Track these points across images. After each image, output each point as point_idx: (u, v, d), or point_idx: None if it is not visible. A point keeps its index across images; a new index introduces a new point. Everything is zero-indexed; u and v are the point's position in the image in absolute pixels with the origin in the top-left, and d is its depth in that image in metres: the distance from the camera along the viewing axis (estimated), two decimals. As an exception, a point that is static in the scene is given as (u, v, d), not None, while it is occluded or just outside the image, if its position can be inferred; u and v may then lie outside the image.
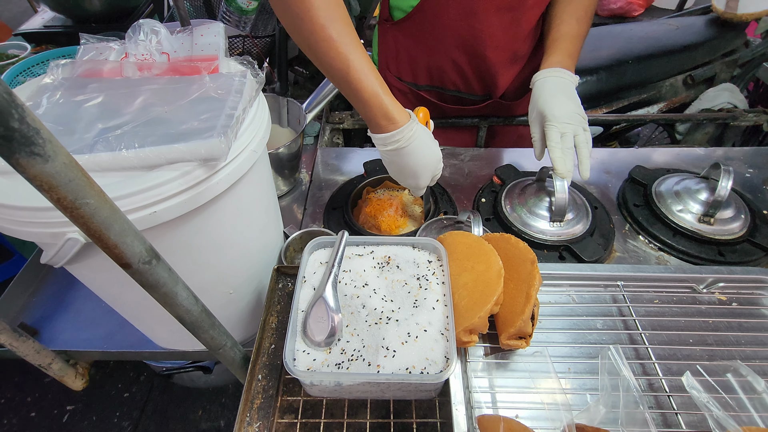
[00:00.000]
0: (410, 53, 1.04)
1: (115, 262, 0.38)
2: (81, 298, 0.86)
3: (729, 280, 0.64)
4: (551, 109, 0.77)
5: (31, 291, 0.87)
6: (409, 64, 1.06)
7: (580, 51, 0.87)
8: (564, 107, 0.77)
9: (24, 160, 0.28)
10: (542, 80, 0.81)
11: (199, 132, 0.48)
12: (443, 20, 0.93)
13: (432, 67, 1.04)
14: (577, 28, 0.86)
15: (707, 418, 0.47)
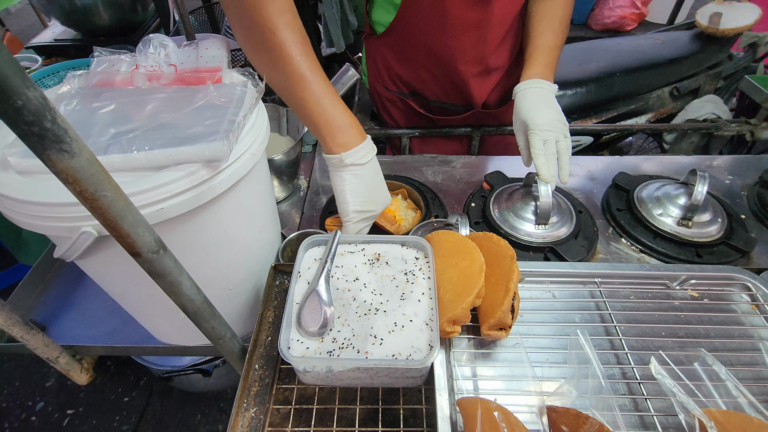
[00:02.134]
0: (393, 64, 1.10)
1: (127, 251, 0.42)
2: (86, 297, 0.90)
3: (701, 277, 0.68)
4: (533, 119, 0.81)
5: (39, 290, 0.90)
6: (394, 74, 1.12)
7: (557, 61, 0.92)
8: (545, 116, 0.81)
9: (54, 156, 0.32)
10: (523, 91, 0.86)
11: (204, 136, 0.52)
12: (417, 36, 0.99)
13: (413, 78, 1.10)
14: (553, 40, 0.91)
15: (673, 402, 0.51)
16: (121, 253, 0.54)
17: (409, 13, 0.96)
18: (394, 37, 1.03)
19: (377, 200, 0.75)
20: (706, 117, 1.42)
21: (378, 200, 0.75)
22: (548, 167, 0.80)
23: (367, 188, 0.72)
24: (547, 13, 0.93)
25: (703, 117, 1.42)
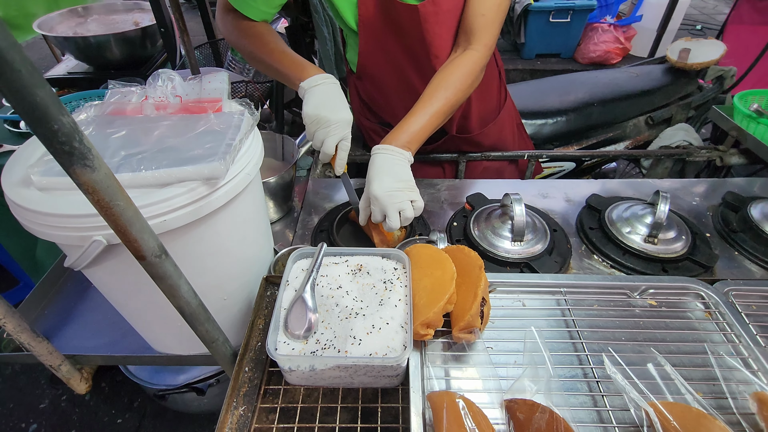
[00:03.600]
0: (369, 99, 1.20)
1: (134, 255, 0.48)
2: (88, 310, 0.94)
3: (659, 287, 0.74)
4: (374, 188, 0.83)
5: (44, 305, 0.95)
6: (372, 106, 1.22)
7: (434, 128, 0.92)
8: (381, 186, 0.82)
9: (79, 170, 0.39)
10: (372, 156, 0.87)
11: (204, 157, 0.59)
12: (380, 76, 1.09)
13: (387, 111, 1.20)
14: (435, 107, 0.90)
15: (625, 398, 0.56)
16: (126, 262, 0.60)
17: (368, 59, 1.06)
18: (364, 76, 1.13)
19: (332, 110, 0.85)
20: (678, 144, 1.51)
21: (333, 110, 0.85)
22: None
23: (320, 100, 0.86)
24: (444, 76, 0.93)
25: (675, 144, 1.51)
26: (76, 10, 1.81)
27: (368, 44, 1.02)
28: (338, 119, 0.86)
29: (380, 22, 0.97)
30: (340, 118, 0.86)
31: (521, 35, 3.95)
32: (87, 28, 1.73)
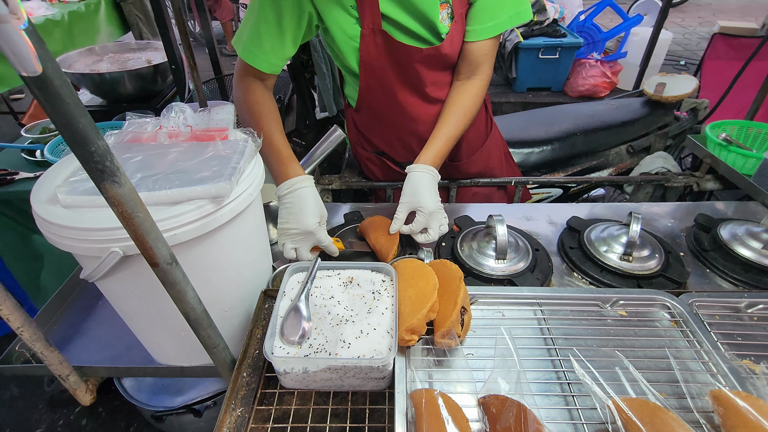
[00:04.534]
0: (366, 131, 1.29)
1: (148, 262, 0.55)
2: (94, 326, 1.00)
3: (629, 299, 0.80)
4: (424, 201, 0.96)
5: (53, 321, 1.01)
6: (368, 136, 1.30)
7: (451, 148, 1.08)
8: (433, 201, 0.97)
9: (108, 185, 0.46)
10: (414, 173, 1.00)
11: (211, 178, 0.67)
12: (378, 111, 1.19)
13: (382, 142, 1.29)
14: (453, 131, 1.05)
15: (592, 396, 0.61)
16: (138, 272, 0.67)
17: (368, 95, 1.15)
18: (362, 109, 1.23)
19: (296, 220, 0.91)
20: (657, 170, 1.60)
21: (297, 220, 0.91)
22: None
23: (287, 212, 0.93)
24: (457, 100, 1.07)
25: (654, 170, 1.60)
26: (93, 49, 1.95)
27: (368, 82, 1.11)
28: (303, 229, 0.90)
29: (381, 61, 1.06)
30: (305, 228, 0.90)
31: (513, 70, 4.14)
32: (102, 66, 1.86)
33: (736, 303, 0.80)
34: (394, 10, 0.96)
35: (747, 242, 1.04)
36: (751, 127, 1.54)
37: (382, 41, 1.00)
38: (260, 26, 0.96)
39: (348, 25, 0.98)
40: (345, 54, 1.05)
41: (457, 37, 1.03)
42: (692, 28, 6.04)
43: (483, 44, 1.04)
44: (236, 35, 1.01)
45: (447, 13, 1.00)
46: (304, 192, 0.93)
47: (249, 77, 1.01)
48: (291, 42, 0.99)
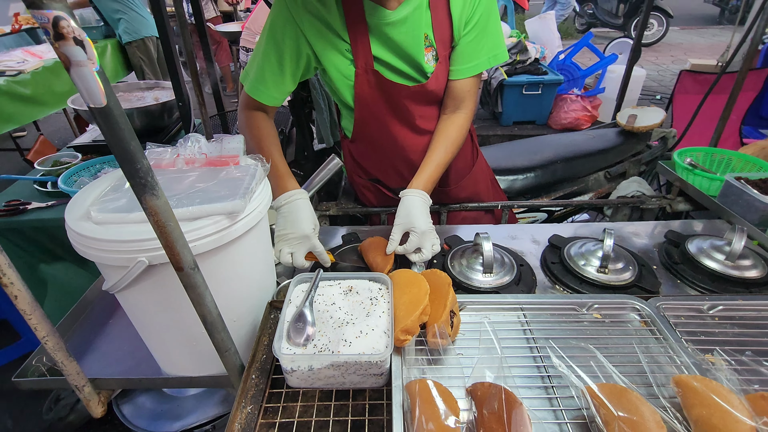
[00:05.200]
0: (361, 160, 1.40)
1: (174, 266, 0.62)
2: (105, 344, 1.05)
3: (603, 303, 0.88)
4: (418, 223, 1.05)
5: (66, 337, 1.06)
6: (363, 165, 1.41)
7: (441, 174, 1.18)
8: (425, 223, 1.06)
9: (148, 197, 0.55)
10: (407, 197, 1.10)
11: (227, 197, 0.76)
12: (373, 142, 1.30)
13: (377, 170, 1.40)
14: (443, 157, 1.16)
15: (569, 385, 0.68)
16: (158, 282, 0.74)
17: (362, 127, 1.27)
18: (357, 140, 1.34)
19: (292, 227, 1.02)
20: (633, 194, 1.71)
21: (293, 227, 1.02)
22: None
23: (284, 221, 1.04)
24: (444, 132, 1.19)
25: (630, 194, 1.72)
26: (104, 89, 2.07)
27: (363, 115, 1.23)
28: (300, 233, 1.00)
29: (373, 97, 1.18)
30: (301, 233, 1.00)
31: (499, 105, 4.37)
32: (113, 103, 1.98)
33: (698, 305, 0.88)
34: (384, 52, 1.09)
35: (712, 255, 1.13)
36: (716, 153, 1.68)
37: (374, 80, 1.13)
38: (264, 66, 1.08)
39: (344, 66, 1.10)
40: (341, 91, 1.17)
41: (441, 75, 1.16)
42: (665, 66, 6.42)
43: (465, 82, 1.17)
44: (243, 72, 1.14)
45: (432, 55, 1.13)
46: (300, 203, 1.04)
47: (253, 108, 1.14)
48: (290, 80, 1.12)
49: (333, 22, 1.04)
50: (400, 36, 1.07)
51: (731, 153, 1.65)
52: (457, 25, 1.10)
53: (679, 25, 8.94)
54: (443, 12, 1.08)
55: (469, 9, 1.08)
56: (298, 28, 1.04)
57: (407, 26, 1.06)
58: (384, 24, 1.04)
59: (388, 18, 1.03)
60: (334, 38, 1.06)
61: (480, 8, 1.09)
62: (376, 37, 1.07)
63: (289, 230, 1.02)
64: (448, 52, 1.14)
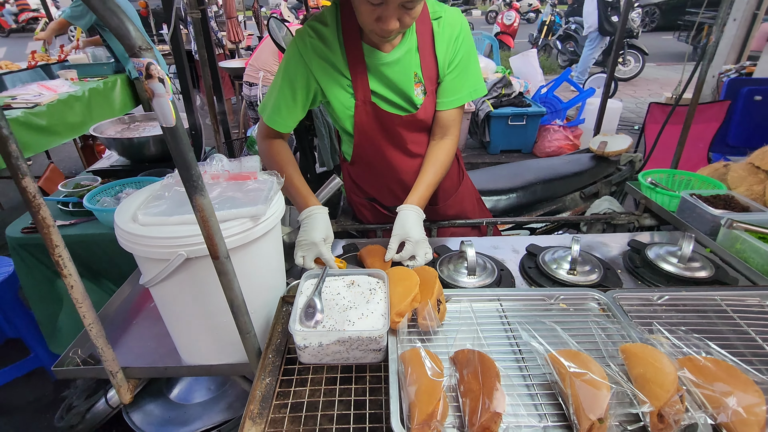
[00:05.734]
0: (359, 181, 1.57)
1: (212, 255, 0.77)
2: (131, 340, 1.17)
3: (568, 295, 1.03)
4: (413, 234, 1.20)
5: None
6: (361, 185, 1.58)
7: (431, 192, 1.34)
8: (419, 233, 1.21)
9: (197, 196, 0.70)
10: (404, 211, 1.25)
11: (251, 203, 0.91)
12: (370, 164, 1.47)
13: (374, 190, 1.57)
14: (433, 178, 1.32)
15: (536, 354, 0.82)
16: (191, 274, 0.88)
17: (361, 151, 1.44)
18: (356, 163, 1.51)
19: (307, 235, 1.18)
20: (604, 211, 1.89)
21: (308, 235, 1.18)
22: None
23: (303, 230, 1.20)
24: (433, 155, 1.36)
25: (602, 211, 1.89)
26: (122, 119, 2.26)
27: (361, 141, 1.41)
28: (311, 240, 1.16)
29: (371, 125, 1.36)
30: (310, 240, 1.16)
31: (486, 135, 4.63)
32: (130, 132, 2.16)
33: (649, 296, 1.04)
34: (380, 87, 1.29)
35: (667, 259, 1.29)
36: (677, 174, 1.87)
37: (371, 110, 1.32)
38: (279, 100, 1.27)
39: (345, 99, 1.29)
40: (343, 120, 1.35)
41: (429, 107, 1.35)
42: (643, 99, 6.82)
43: (450, 112, 1.36)
44: (261, 106, 1.32)
45: (421, 89, 1.33)
46: (318, 216, 1.20)
47: (272, 136, 1.33)
48: (301, 110, 1.31)
49: (337, 63, 1.23)
50: (394, 74, 1.26)
51: (690, 174, 1.85)
52: (442, 65, 1.30)
53: (655, 61, 9.51)
54: (430, 55, 1.29)
55: (451, 52, 1.29)
56: (308, 68, 1.24)
57: (399, 66, 1.26)
58: (380, 64, 1.24)
59: (383, 59, 1.23)
60: (337, 76, 1.25)
61: (461, 51, 1.30)
62: (373, 75, 1.26)
63: (303, 238, 1.18)
64: (434, 87, 1.34)
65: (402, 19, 1.08)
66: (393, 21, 1.06)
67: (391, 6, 1.03)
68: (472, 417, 0.67)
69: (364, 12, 1.07)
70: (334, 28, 1.23)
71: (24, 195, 0.76)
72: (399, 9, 1.05)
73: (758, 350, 0.88)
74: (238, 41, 5.67)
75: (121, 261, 1.79)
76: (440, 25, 1.28)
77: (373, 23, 1.09)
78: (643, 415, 0.70)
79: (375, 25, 1.09)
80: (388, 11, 1.05)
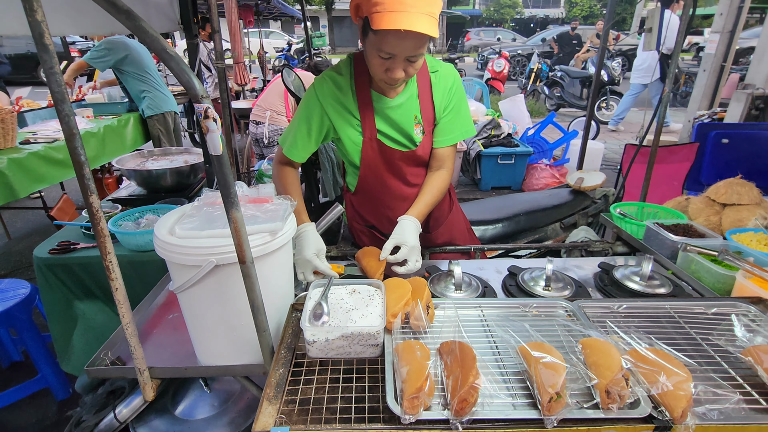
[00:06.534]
0: (362, 207, 1.76)
1: (240, 259, 0.94)
2: (154, 347, 1.30)
3: (540, 305, 1.19)
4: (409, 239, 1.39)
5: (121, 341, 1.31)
6: (362, 213, 1.77)
7: (429, 211, 1.55)
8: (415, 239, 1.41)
9: (233, 210, 0.88)
10: (404, 221, 1.45)
11: (270, 220, 1.09)
12: (372, 195, 1.67)
13: (374, 214, 1.75)
14: (429, 198, 1.53)
15: (509, 348, 0.97)
16: (218, 280, 1.04)
17: (365, 182, 1.64)
18: (359, 193, 1.71)
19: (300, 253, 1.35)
20: (582, 240, 2.08)
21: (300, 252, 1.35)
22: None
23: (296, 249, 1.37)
24: (430, 182, 1.57)
25: (580, 240, 2.08)
26: (141, 152, 2.47)
27: (366, 172, 1.61)
28: (304, 258, 1.34)
29: (375, 159, 1.56)
30: (303, 258, 1.34)
31: (477, 172, 4.89)
32: (149, 164, 2.36)
33: (610, 305, 1.20)
34: (385, 127, 1.50)
35: (632, 278, 1.47)
36: (646, 207, 2.08)
37: (377, 146, 1.52)
38: (297, 136, 1.50)
39: (354, 136, 1.51)
40: (351, 154, 1.56)
41: (427, 144, 1.57)
42: (625, 141, 7.20)
43: (445, 149, 1.60)
44: (282, 137, 1.57)
45: (420, 129, 1.54)
46: (305, 233, 1.39)
47: (284, 162, 1.56)
48: (314, 144, 1.53)
49: (349, 105, 1.46)
50: (397, 116, 1.49)
51: (657, 207, 2.05)
52: (438, 109, 1.54)
53: (638, 106, 10.06)
54: (428, 101, 1.53)
55: (446, 99, 1.54)
56: (323, 109, 1.47)
57: (402, 109, 1.49)
58: (385, 108, 1.47)
59: (388, 104, 1.47)
60: (349, 116, 1.48)
61: (454, 99, 1.55)
62: (379, 116, 1.49)
63: (298, 256, 1.36)
64: (431, 128, 1.56)
65: (406, 70, 1.32)
66: (399, 71, 1.30)
67: (398, 59, 1.27)
68: (453, 392, 0.82)
69: (375, 64, 1.31)
70: (348, 77, 1.48)
71: (89, 209, 0.93)
72: (404, 62, 1.29)
73: (698, 347, 1.03)
74: (244, 84, 6.03)
75: (136, 284, 1.93)
76: (437, 78, 1.53)
77: (382, 73, 1.32)
78: (594, 392, 0.85)
79: (384, 75, 1.33)
80: (395, 63, 1.29)
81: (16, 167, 2.83)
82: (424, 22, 1.17)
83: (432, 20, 1.20)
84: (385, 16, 1.16)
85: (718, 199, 1.88)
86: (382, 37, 1.23)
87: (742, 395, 0.88)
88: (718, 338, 1.03)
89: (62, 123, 0.83)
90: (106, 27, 2.06)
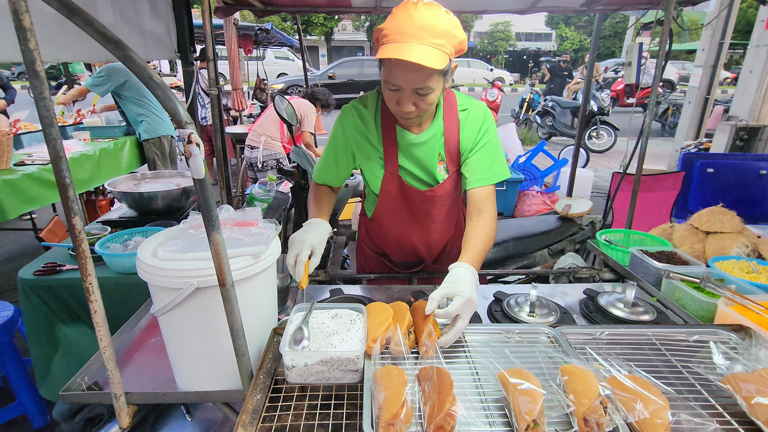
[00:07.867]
0: (375, 233, 1.78)
1: (220, 282, 0.94)
2: (132, 372, 1.28)
3: (523, 331, 1.19)
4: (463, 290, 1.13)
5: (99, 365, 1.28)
6: (375, 239, 1.78)
7: (482, 259, 1.35)
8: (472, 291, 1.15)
9: (213, 232, 0.89)
10: (456, 269, 1.22)
11: (253, 243, 1.09)
12: (391, 220, 1.69)
13: (386, 242, 1.76)
14: (480, 244, 1.33)
15: (489, 374, 0.96)
16: (198, 303, 1.04)
17: (382, 211, 1.66)
18: (375, 220, 1.72)
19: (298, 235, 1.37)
20: (569, 266, 2.09)
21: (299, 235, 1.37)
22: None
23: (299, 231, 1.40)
24: (473, 231, 1.39)
25: (567, 266, 2.09)
26: (134, 175, 2.49)
27: (384, 203, 1.63)
28: (300, 239, 1.34)
29: (395, 193, 1.58)
30: (301, 239, 1.34)
31: (470, 199, 4.94)
32: (141, 187, 2.38)
33: (592, 332, 1.20)
34: (407, 163, 1.53)
35: (616, 305, 1.47)
36: (632, 234, 2.11)
37: (397, 181, 1.55)
38: (324, 165, 1.59)
39: (376, 170, 1.55)
40: (371, 185, 1.61)
41: (449, 184, 1.56)
42: (615, 169, 7.33)
43: (481, 189, 1.45)
44: (316, 165, 1.65)
45: (443, 167, 1.55)
46: (315, 225, 1.43)
47: (320, 185, 1.64)
48: (346, 169, 1.60)
49: (372, 139, 1.50)
50: (420, 153, 1.50)
51: (643, 234, 2.08)
52: (464, 149, 1.49)
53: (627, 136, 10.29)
54: (454, 139, 1.49)
55: (475, 139, 1.47)
56: (348, 142, 1.52)
57: (426, 147, 1.50)
58: (409, 144, 1.49)
59: (412, 140, 1.48)
60: (371, 150, 1.52)
61: (485, 137, 1.47)
62: (402, 152, 1.51)
63: (296, 235, 1.38)
64: (456, 168, 1.55)
65: (417, 104, 1.29)
66: (408, 105, 1.28)
67: (406, 92, 1.26)
68: (429, 419, 0.81)
69: (387, 96, 1.34)
70: (373, 111, 1.50)
71: (72, 230, 0.94)
72: (414, 95, 1.26)
73: (678, 374, 1.03)
74: (241, 109, 6.14)
75: (122, 307, 1.90)
76: (466, 116, 1.48)
77: (394, 105, 1.33)
78: (572, 419, 0.84)
79: (396, 108, 1.34)
80: (404, 96, 1.27)
81: (8, 188, 2.84)
82: (422, 52, 1.13)
83: (435, 51, 1.15)
84: (385, 47, 1.17)
85: (701, 227, 1.92)
86: (387, 68, 1.24)
87: (721, 423, 0.88)
88: (698, 366, 1.03)
89: (49, 146, 0.84)
90: (102, 54, 2.13)
